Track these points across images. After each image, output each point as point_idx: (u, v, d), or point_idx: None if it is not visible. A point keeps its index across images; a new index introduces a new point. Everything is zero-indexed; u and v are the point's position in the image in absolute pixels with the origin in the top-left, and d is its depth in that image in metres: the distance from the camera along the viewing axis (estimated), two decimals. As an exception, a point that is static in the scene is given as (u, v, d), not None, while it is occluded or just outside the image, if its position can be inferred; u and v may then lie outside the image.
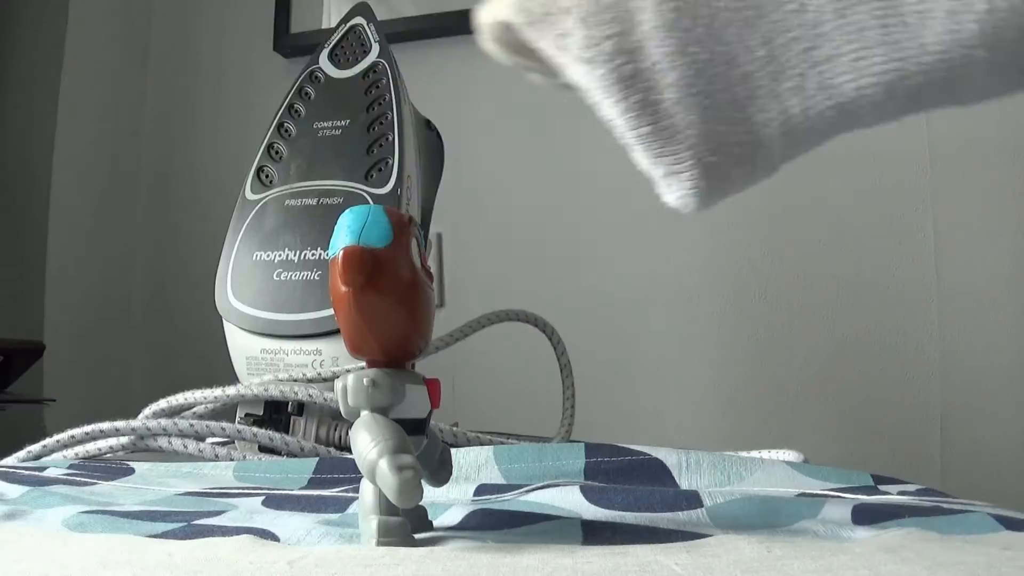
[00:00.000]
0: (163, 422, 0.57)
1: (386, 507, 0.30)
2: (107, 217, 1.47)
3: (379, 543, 0.29)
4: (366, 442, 0.29)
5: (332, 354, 0.63)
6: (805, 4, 0.30)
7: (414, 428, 0.31)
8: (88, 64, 1.43)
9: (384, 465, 0.28)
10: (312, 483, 0.48)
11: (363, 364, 0.32)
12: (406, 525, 0.30)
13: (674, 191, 0.32)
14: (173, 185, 1.52)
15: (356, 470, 0.31)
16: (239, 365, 0.67)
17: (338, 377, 0.31)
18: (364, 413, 0.30)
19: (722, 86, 0.31)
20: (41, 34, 1.41)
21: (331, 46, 0.76)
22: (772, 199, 1.18)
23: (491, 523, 0.34)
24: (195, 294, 1.02)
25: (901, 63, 0.29)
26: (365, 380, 0.30)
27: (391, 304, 0.30)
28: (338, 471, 0.48)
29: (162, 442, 0.57)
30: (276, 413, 0.62)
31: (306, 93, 0.74)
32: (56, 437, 0.58)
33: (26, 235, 1.37)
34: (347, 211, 0.30)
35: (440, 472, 0.35)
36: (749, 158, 0.32)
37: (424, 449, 0.33)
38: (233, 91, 1.50)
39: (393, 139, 0.68)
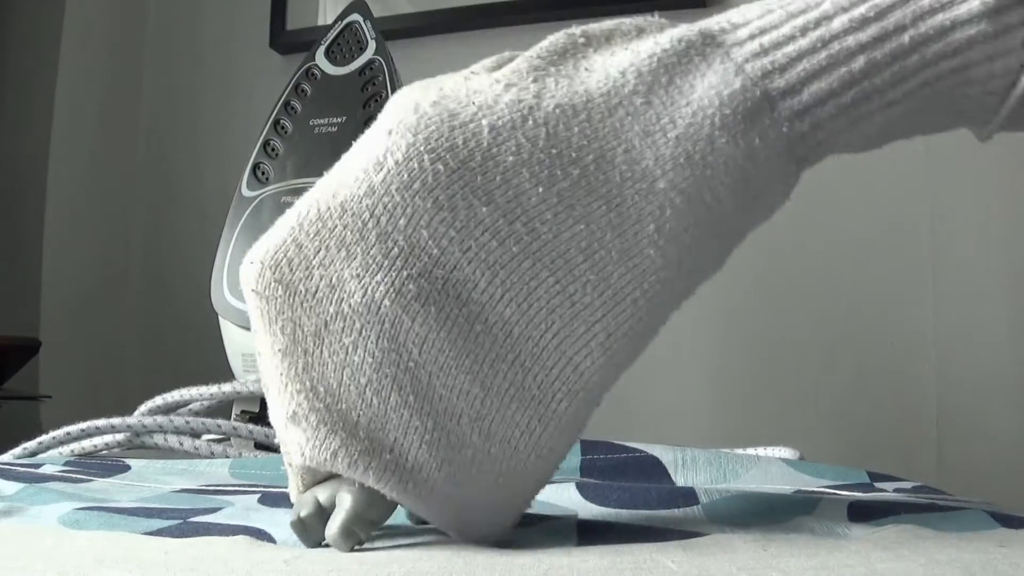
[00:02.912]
0: (159, 419, 0.57)
1: None
2: (103, 214, 1.47)
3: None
4: None
5: (328, 351, 0.63)
6: None
7: None
8: (84, 61, 1.43)
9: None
10: (308, 480, 0.48)
11: None
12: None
13: None
14: (169, 182, 1.52)
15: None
16: (235, 362, 0.67)
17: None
18: None
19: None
20: (37, 29, 1.41)
21: (327, 43, 0.76)
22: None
23: (487, 520, 0.34)
24: (191, 291, 1.02)
25: (604, 323, 0.29)
26: None
27: None
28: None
29: (158, 439, 0.57)
30: (272, 410, 0.62)
31: (302, 90, 0.73)
32: (52, 434, 0.58)
33: (22, 232, 1.37)
34: None
35: None
36: None
37: None
38: (229, 88, 1.50)
39: (389, 136, 0.68)
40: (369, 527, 0.29)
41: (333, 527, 0.28)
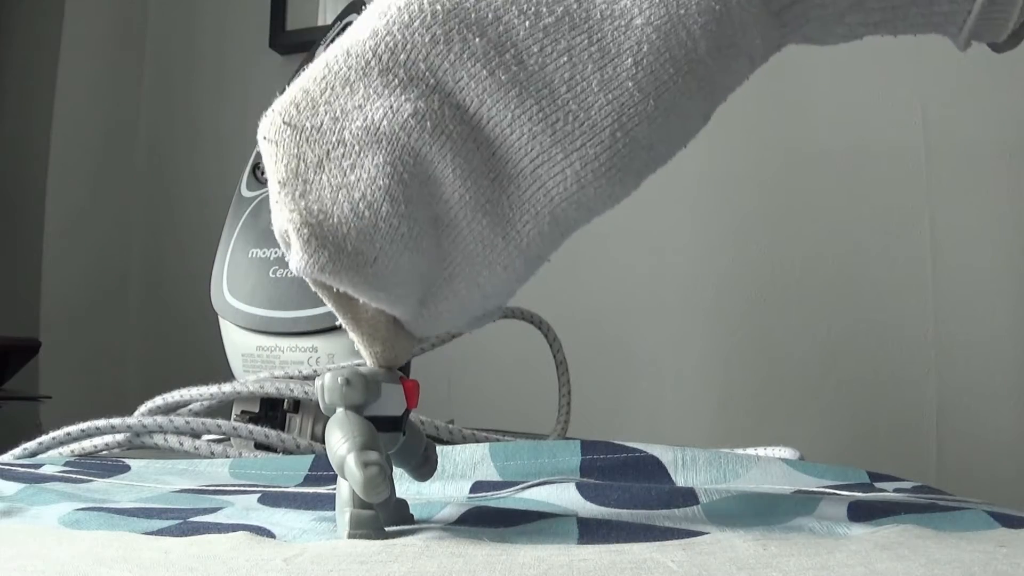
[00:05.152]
0: (159, 419, 0.57)
1: (359, 501, 0.30)
2: (103, 215, 1.47)
3: (350, 535, 0.30)
4: (337, 439, 0.30)
5: (328, 351, 0.63)
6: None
7: (390, 425, 0.32)
8: (84, 62, 1.43)
9: (351, 461, 0.29)
10: (308, 480, 0.48)
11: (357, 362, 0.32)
12: (378, 518, 0.31)
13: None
14: (169, 183, 1.52)
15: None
16: (235, 362, 0.67)
17: (319, 375, 0.32)
18: (338, 410, 0.31)
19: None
20: (37, 31, 1.41)
21: (326, 43, 0.76)
22: (768, 196, 1.18)
23: (487, 520, 0.34)
24: (191, 291, 1.03)
25: (582, 152, 0.31)
26: (340, 379, 0.31)
27: None
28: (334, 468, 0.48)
29: (158, 439, 0.57)
30: (272, 410, 0.62)
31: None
32: (52, 434, 0.58)
33: (22, 232, 1.37)
34: None
35: (424, 467, 0.35)
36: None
37: (404, 445, 0.34)
38: (229, 88, 1.50)
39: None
40: (376, 456, 0.29)
41: (356, 477, 0.29)
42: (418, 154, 0.30)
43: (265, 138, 0.31)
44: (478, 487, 0.44)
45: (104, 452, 0.58)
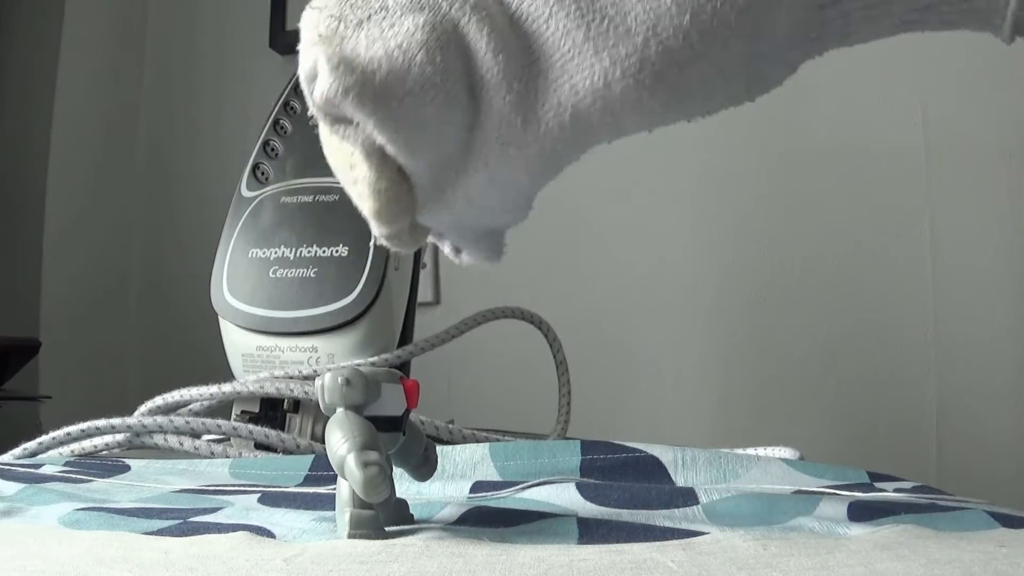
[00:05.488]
0: (159, 419, 0.57)
1: (359, 501, 0.30)
2: (103, 214, 1.47)
3: (350, 535, 0.30)
4: (337, 439, 0.30)
5: (328, 351, 0.63)
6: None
7: (390, 425, 0.32)
8: (84, 62, 1.43)
9: (351, 461, 0.29)
10: (308, 480, 0.48)
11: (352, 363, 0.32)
12: (378, 518, 0.31)
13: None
14: (170, 182, 1.52)
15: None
16: (235, 362, 0.67)
17: (319, 375, 0.31)
18: (338, 410, 0.31)
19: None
20: (37, 32, 1.41)
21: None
22: (768, 196, 1.18)
23: (487, 520, 0.34)
24: (191, 291, 1.03)
25: (613, 51, 0.31)
26: (340, 379, 0.31)
27: None
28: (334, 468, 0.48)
29: (158, 439, 0.57)
30: (272, 410, 0.62)
31: (301, 90, 0.73)
32: (52, 434, 0.58)
33: (22, 232, 1.37)
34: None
35: (424, 467, 0.36)
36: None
37: (403, 445, 0.34)
38: (229, 88, 1.50)
39: (389, 136, 0.68)
40: (376, 456, 0.29)
41: (356, 476, 0.28)
42: (457, 24, 0.31)
43: (311, 5, 0.32)
44: (478, 487, 0.44)
45: (104, 452, 0.58)
